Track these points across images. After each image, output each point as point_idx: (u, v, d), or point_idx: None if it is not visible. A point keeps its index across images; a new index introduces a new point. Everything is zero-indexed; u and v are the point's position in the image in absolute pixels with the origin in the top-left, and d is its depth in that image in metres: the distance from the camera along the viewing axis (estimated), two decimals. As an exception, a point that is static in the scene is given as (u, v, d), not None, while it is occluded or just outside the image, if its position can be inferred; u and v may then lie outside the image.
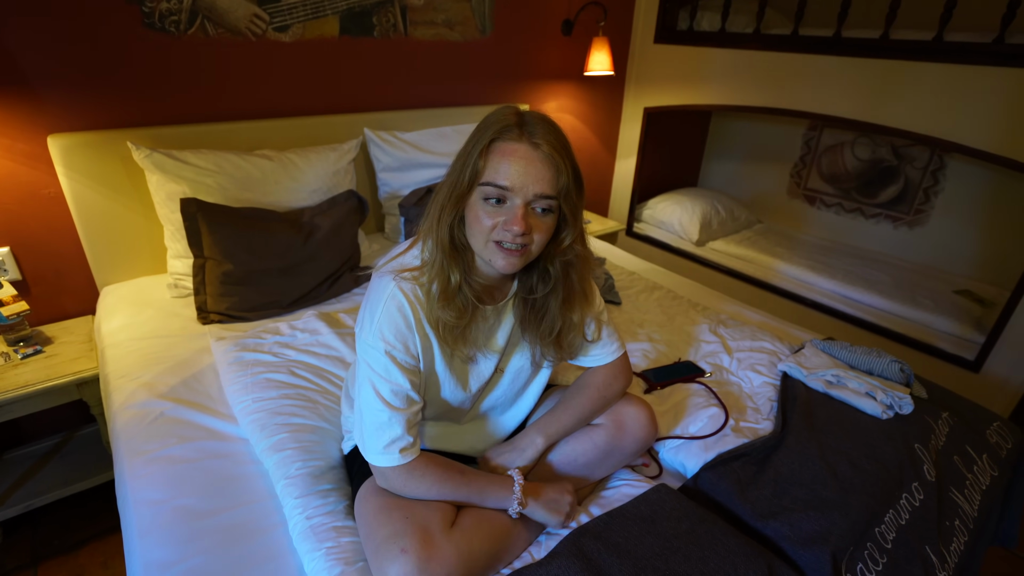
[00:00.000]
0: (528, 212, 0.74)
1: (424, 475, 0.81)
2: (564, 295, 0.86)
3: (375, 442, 0.79)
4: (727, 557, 0.81)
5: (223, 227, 1.40)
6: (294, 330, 1.36)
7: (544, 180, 0.73)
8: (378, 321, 0.78)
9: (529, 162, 0.72)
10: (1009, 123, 1.67)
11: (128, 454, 1.02)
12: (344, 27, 1.78)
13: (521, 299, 0.89)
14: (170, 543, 0.85)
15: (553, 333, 0.87)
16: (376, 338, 0.78)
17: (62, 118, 1.42)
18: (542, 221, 0.76)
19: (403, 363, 0.79)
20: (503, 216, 0.74)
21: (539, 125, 0.74)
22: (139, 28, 1.46)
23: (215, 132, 1.61)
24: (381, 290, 0.79)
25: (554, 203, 0.75)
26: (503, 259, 0.76)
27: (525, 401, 1.00)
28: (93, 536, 1.47)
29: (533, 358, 0.93)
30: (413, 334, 0.79)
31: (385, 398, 0.78)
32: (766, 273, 2.46)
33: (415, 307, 0.78)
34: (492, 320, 0.89)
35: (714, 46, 2.31)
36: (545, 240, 0.78)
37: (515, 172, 0.72)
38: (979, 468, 1.12)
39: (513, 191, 0.73)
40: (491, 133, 0.74)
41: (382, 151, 1.86)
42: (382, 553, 0.73)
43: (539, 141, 0.72)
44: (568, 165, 0.75)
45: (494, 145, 0.74)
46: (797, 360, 1.32)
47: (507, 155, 0.73)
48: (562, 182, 0.74)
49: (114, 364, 1.26)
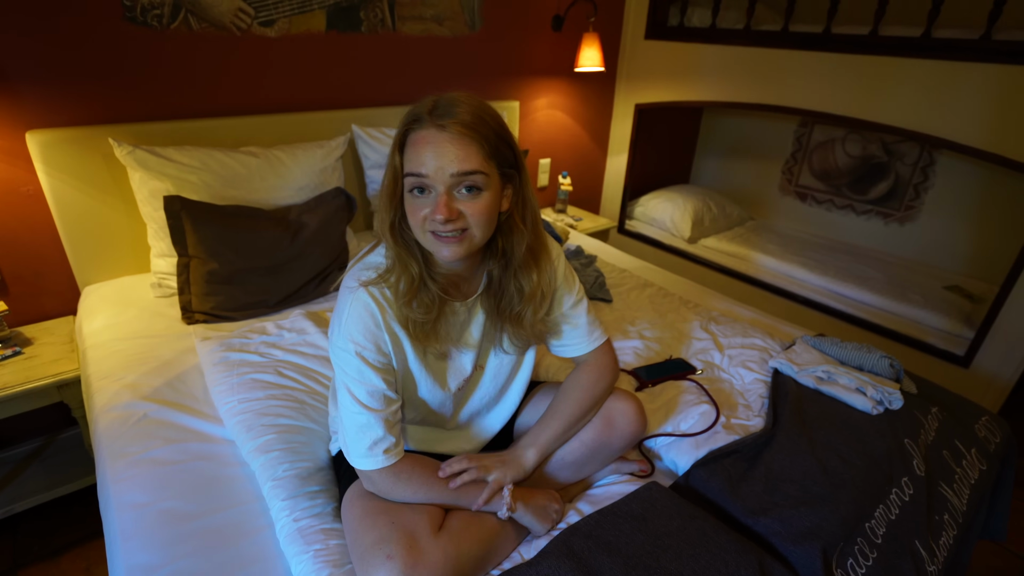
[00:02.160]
0: (451, 197, 0.73)
1: (411, 478, 0.80)
2: (514, 268, 0.83)
3: (357, 445, 0.79)
4: (718, 554, 0.80)
5: (208, 225, 1.37)
6: (281, 330, 1.34)
7: (457, 159, 0.71)
8: (345, 323, 0.78)
9: (437, 145, 0.71)
10: (997, 119, 1.68)
11: (111, 457, 1.00)
12: (331, 22, 1.76)
13: (486, 295, 0.88)
14: (154, 547, 0.84)
15: (511, 309, 0.86)
16: (345, 340, 0.78)
17: (41, 114, 1.39)
18: (472, 202, 0.73)
19: (375, 363, 0.79)
20: (429, 206, 0.73)
21: (450, 106, 0.72)
22: (120, 22, 1.43)
23: (199, 128, 1.58)
24: (347, 294, 0.79)
25: (478, 179, 0.72)
26: (444, 248, 0.75)
27: (509, 399, 0.99)
28: (75, 541, 1.45)
29: (500, 345, 0.90)
30: (382, 332, 0.79)
31: (362, 400, 0.78)
32: (758, 270, 2.47)
33: (382, 306, 0.78)
34: (463, 315, 0.87)
35: (705, 42, 2.31)
36: (486, 222, 0.75)
37: (427, 158, 0.71)
38: (968, 462, 1.13)
39: (430, 177, 0.71)
40: (403, 127, 0.74)
41: (370, 148, 1.84)
42: (368, 560, 0.72)
43: (445, 123, 0.71)
44: (483, 136, 0.72)
45: (407, 138, 0.74)
46: (788, 356, 1.32)
47: (417, 144, 0.72)
48: (483, 151, 0.72)
49: (96, 365, 1.24)
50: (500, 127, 0.75)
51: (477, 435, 0.99)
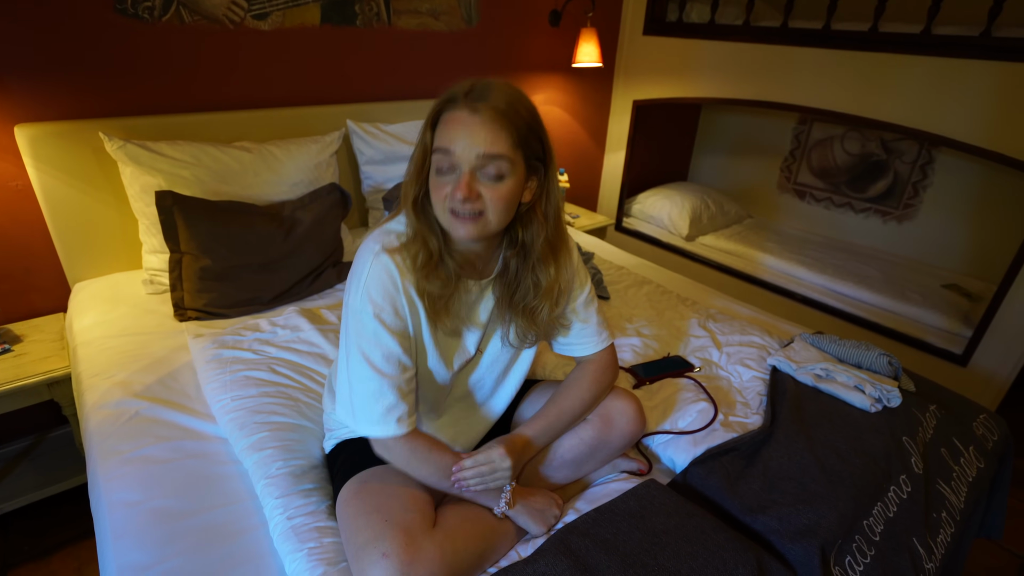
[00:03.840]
0: (474, 179, 0.74)
1: (428, 457, 0.81)
2: (532, 261, 0.84)
3: (369, 412, 0.78)
4: (716, 552, 0.80)
5: (201, 221, 1.35)
6: (275, 327, 1.33)
7: (485, 141, 0.72)
8: (365, 284, 0.78)
9: (468, 126, 0.72)
10: (996, 117, 1.67)
11: (102, 455, 0.99)
12: (325, 15, 1.74)
13: (499, 280, 0.88)
14: (146, 546, 0.83)
15: (525, 302, 0.86)
16: (364, 301, 0.77)
17: (30, 107, 1.37)
18: (493, 188, 0.74)
19: (392, 326, 0.79)
20: (452, 184, 0.74)
21: (486, 91, 0.73)
22: (111, 14, 1.40)
23: (192, 123, 1.56)
24: (367, 254, 0.79)
25: (503, 165, 0.73)
26: (459, 227, 0.76)
27: (506, 389, 0.98)
28: (66, 541, 1.43)
29: (507, 336, 0.90)
30: (400, 295, 0.79)
31: (376, 364, 0.78)
32: (756, 268, 2.46)
33: (401, 270, 0.78)
34: (475, 294, 0.88)
35: (703, 38, 2.30)
36: (503, 208, 0.76)
37: (456, 137, 0.73)
38: (966, 460, 1.13)
39: (456, 156, 0.73)
40: (438, 106, 0.76)
41: (365, 143, 1.82)
42: (363, 558, 0.72)
43: (479, 106, 0.72)
44: (514, 124, 0.74)
45: (440, 116, 0.76)
46: (786, 354, 1.31)
47: (449, 123, 0.74)
48: (512, 139, 0.73)
49: (87, 363, 1.22)
50: (533, 118, 0.77)
51: (473, 424, 0.98)
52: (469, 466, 0.81)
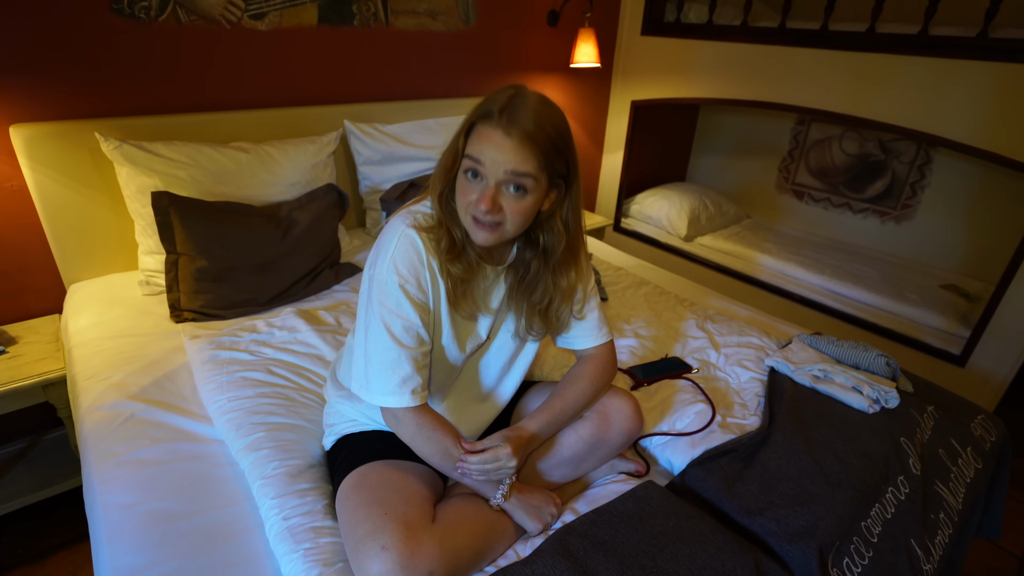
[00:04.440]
0: (499, 191, 0.77)
1: (432, 435, 0.83)
2: (552, 264, 0.88)
3: (385, 382, 0.80)
4: (714, 554, 0.80)
5: (197, 222, 1.35)
6: (272, 328, 1.32)
7: (512, 161, 0.75)
8: (392, 255, 0.81)
9: (499, 147, 0.75)
10: (993, 117, 1.67)
11: (97, 457, 0.99)
12: (323, 15, 1.73)
13: (512, 266, 0.91)
14: (141, 548, 0.82)
15: (543, 302, 0.90)
16: (391, 271, 0.80)
17: (25, 107, 1.36)
18: (516, 202, 0.78)
19: (415, 298, 0.82)
20: (477, 193, 0.78)
21: (521, 111, 0.76)
22: (107, 14, 1.40)
23: (188, 123, 1.55)
24: (395, 228, 0.83)
25: (528, 182, 0.77)
26: (478, 232, 0.79)
27: (511, 379, 1.00)
28: (61, 544, 1.42)
29: (516, 330, 0.94)
30: (424, 269, 0.82)
31: (396, 335, 0.80)
32: (754, 268, 2.46)
33: (427, 246, 0.82)
34: (491, 280, 0.91)
35: (701, 38, 2.30)
36: (521, 221, 0.80)
37: (487, 153, 0.76)
38: (964, 461, 1.13)
39: (486, 167, 0.76)
40: (475, 116, 0.79)
41: (363, 144, 1.82)
42: (362, 551, 0.72)
43: (513, 130, 0.75)
44: (542, 148, 0.77)
45: (474, 128, 0.79)
46: (784, 355, 1.31)
47: (482, 138, 0.77)
48: (539, 160, 0.77)
49: (82, 364, 1.22)
50: (561, 139, 0.79)
51: (476, 414, 0.99)
52: (475, 461, 0.83)
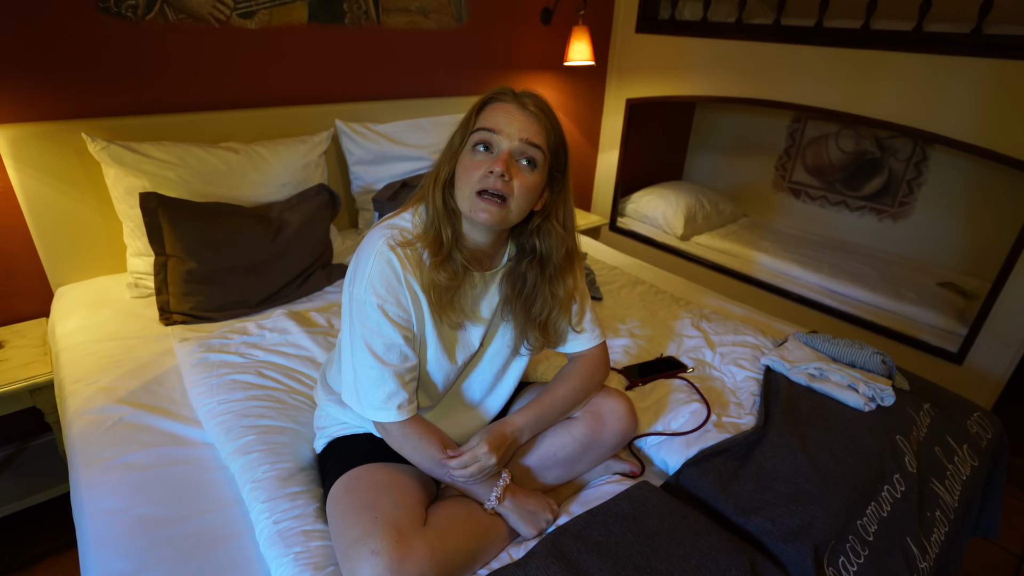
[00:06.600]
0: (512, 160, 0.78)
1: (418, 444, 0.83)
2: (549, 272, 0.88)
3: (371, 398, 0.81)
4: (709, 554, 0.79)
5: (186, 223, 1.33)
6: (262, 330, 1.31)
7: (530, 129, 0.78)
8: (369, 275, 0.80)
9: (514, 114, 0.78)
10: (989, 114, 1.67)
11: (84, 462, 0.97)
12: (313, 14, 1.72)
13: (508, 276, 0.90)
14: (128, 554, 0.82)
15: (543, 315, 0.90)
16: (368, 292, 0.80)
17: (10, 108, 1.34)
18: (524, 175, 0.79)
19: (395, 317, 0.81)
20: (488, 162, 0.78)
21: (531, 96, 0.81)
22: (93, 12, 1.38)
23: (177, 123, 1.54)
24: (371, 246, 0.81)
25: (538, 154, 0.78)
26: (482, 211, 0.78)
27: (503, 388, 0.99)
28: (50, 551, 1.40)
29: (512, 343, 0.93)
30: (403, 287, 0.81)
31: (378, 353, 0.80)
32: (750, 267, 2.46)
33: (404, 264, 0.80)
34: (480, 287, 0.90)
35: (696, 36, 2.29)
36: (525, 199, 0.80)
37: (502, 119, 0.78)
38: (960, 459, 1.12)
39: (499, 132, 0.78)
40: (485, 98, 0.82)
41: (354, 143, 1.80)
42: (352, 555, 0.71)
43: (526, 102, 0.79)
44: (555, 130, 0.80)
45: (487, 104, 0.81)
46: (780, 354, 1.30)
47: (497, 110, 0.80)
48: (548, 139, 0.79)
49: (69, 368, 1.20)
50: (561, 132, 0.83)
51: (467, 421, 0.98)
52: (455, 466, 0.82)
